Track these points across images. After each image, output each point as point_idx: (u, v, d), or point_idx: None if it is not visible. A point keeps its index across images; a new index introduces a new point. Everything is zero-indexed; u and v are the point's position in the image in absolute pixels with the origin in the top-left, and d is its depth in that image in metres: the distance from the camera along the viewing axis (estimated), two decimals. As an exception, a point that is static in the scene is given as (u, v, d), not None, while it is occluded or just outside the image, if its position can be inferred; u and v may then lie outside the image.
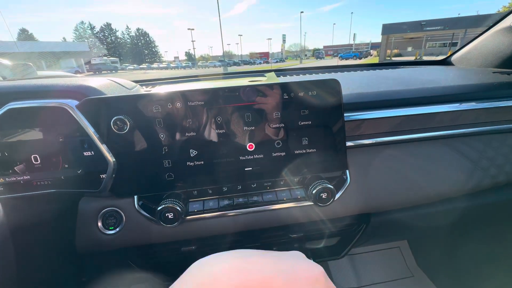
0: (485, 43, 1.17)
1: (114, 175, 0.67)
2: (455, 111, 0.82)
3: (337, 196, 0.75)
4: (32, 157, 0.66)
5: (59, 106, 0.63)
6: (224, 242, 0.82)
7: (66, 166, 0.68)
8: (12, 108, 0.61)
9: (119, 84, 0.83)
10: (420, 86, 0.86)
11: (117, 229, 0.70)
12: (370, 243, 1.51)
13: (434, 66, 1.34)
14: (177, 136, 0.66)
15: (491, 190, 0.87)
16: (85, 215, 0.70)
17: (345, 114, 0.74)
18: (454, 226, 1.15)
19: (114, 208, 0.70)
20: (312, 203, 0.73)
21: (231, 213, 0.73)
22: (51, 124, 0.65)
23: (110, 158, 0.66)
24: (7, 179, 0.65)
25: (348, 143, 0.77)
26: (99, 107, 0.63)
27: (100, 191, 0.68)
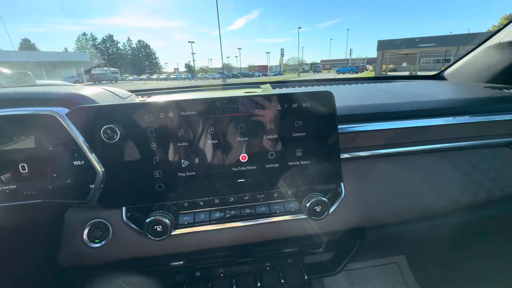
0: (476, 58, 1.20)
1: (102, 186, 0.65)
2: (448, 124, 0.82)
3: (332, 209, 0.73)
4: (20, 165, 0.64)
5: (49, 114, 0.62)
6: (215, 257, 0.79)
7: (55, 175, 0.67)
8: (0, 115, 0.60)
9: (113, 93, 0.83)
10: (413, 100, 0.86)
11: (103, 242, 0.67)
12: (367, 258, 1.47)
13: (427, 81, 1.36)
14: (169, 146, 0.65)
15: (487, 203, 0.86)
16: (70, 227, 0.67)
17: (339, 126, 0.73)
18: (452, 240, 1.12)
19: (101, 220, 0.68)
20: (306, 217, 0.71)
21: (223, 226, 0.71)
22: (41, 132, 0.64)
23: (99, 168, 0.64)
24: None
25: (344, 155, 0.77)
26: (89, 115, 0.62)
27: (88, 201, 0.66)
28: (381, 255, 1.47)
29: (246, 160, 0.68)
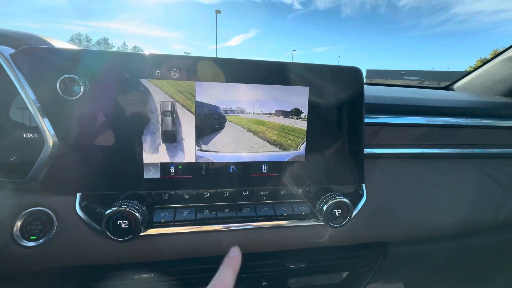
0: (492, 71, 1.14)
1: (52, 162, 0.47)
2: (484, 126, 0.71)
3: (353, 215, 0.58)
4: None
5: (-16, 52, 0.44)
6: (196, 271, 0.61)
7: None
8: None
9: None
10: (441, 98, 0.76)
11: (41, 241, 0.48)
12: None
13: (441, 90, 1.29)
14: (154, 114, 0.49)
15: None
16: None
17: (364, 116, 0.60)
18: (468, 269, 0.98)
19: (43, 209, 0.48)
20: (321, 223, 0.55)
21: (211, 228, 0.53)
22: None
23: (49, 136, 0.46)
24: None
25: (366, 151, 0.63)
26: (43, 60, 0.45)
27: (27, 181, 0.47)
28: (379, 281, 1.31)
29: (249, 146, 0.53)
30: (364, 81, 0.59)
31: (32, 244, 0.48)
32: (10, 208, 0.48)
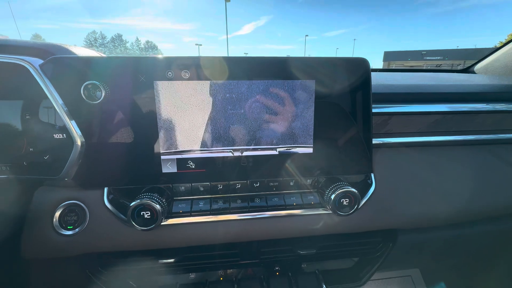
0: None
1: (80, 160, 0.53)
2: (497, 112, 0.69)
3: (361, 204, 0.60)
4: None
5: (17, 64, 0.50)
6: (213, 256, 0.66)
7: (31, 149, 0.54)
8: None
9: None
10: (455, 83, 0.74)
11: (77, 230, 0.54)
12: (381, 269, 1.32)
13: (458, 73, 1.23)
14: (170, 114, 0.52)
15: None
16: (38, 209, 0.54)
17: (372, 106, 0.61)
18: (480, 254, 0.97)
19: (77, 202, 0.55)
20: (330, 211, 0.57)
21: (226, 218, 0.57)
22: (9, 90, 0.51)
23: (77, 137, 0.51)
24: None
25: (374, 141, 0.64)
26: (68, 68, 0.50)
27: (61, 178, 0.53)
28: (395, 266, 1.31)
29: (259, 139, 0.55)
30: (382, 64, 0.59)
31: (70, 232, 0.54)
32: (50, 202, 0.55)
